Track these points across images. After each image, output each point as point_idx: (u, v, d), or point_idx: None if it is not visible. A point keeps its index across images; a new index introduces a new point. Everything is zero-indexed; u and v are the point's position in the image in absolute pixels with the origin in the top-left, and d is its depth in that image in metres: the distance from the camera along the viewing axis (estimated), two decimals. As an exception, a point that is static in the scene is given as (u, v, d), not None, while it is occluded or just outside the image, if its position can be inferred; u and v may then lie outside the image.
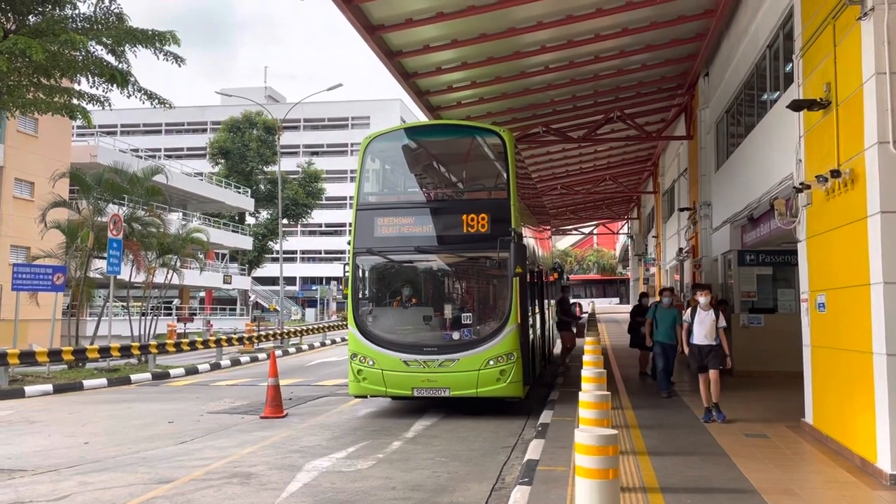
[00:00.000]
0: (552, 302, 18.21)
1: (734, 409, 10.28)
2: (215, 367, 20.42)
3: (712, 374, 9.48)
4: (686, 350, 9.77)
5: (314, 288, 66.64)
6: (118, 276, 19.17)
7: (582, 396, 6.65)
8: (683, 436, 8.74)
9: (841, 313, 7.66)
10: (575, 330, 17.66)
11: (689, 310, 9.92)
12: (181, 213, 37.68)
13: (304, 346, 28.30)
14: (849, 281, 7.32)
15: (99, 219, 20.92)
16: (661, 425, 9.38)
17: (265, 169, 52.42)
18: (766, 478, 6.69)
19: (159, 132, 75.31)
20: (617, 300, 56.97)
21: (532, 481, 6.61)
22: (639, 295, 17.24)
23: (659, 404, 11.14)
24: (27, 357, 15.98)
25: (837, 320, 7.77)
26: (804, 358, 9.02)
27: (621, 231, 52.76)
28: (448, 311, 11.29)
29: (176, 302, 44.73)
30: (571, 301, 18.93)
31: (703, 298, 9.71)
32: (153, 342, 20.09)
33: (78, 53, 14.73)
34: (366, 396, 11.65)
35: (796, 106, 8.35)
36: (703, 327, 9.64)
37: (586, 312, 22.24)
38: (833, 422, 7.95)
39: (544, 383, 13.92)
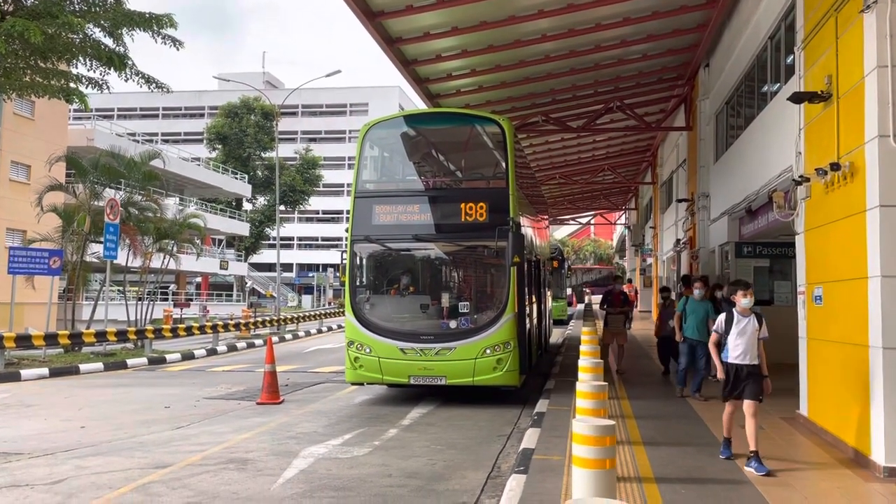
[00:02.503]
0: (549, 291, 18.10)
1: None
2: (212, 352, 20.43)
3: (749, 406, 6.94)
4: (719, 371, 7.24)
5: (311, 275, 66.68)
6: (115, 261, 19.13)
7: (579, 386, 6.66)
8: (679, 426, 8.78)
9: (838, 306, 7.68)
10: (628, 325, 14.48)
11: (720, 317, 7.34)
12: (178, 199, 37.62)
13: (301, 333, 28.32)
14: (846, 274, 7.34)
15: (96, 203, 20.84)
16: (656, 416, 9.42)
17: (262, 155, 52.31)
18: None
19: (156, 117, 75.00)
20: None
21: (528, 470, 6.64)
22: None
23: (654, 395, 11.18)
24: (23, 340, 15.96)
25: (834, 313, 7.79)
26: (800, 350, 9.07)
27: (619, 221, 52.78)
28: (445, 299, 11.28)
29: (172, 287, 44.71)
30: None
31: (745, 300, 7.09)
32: (149, 327, 20.08)
33: (75, 36, 14.62)
34: (362, 384, 11.67)
35: (797, 98, 8.34)
36: (744, 339, 6.99)
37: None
38: (828, 414, 7.99)
39: (541, 372, 13.96)
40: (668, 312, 12.79)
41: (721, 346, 7.23)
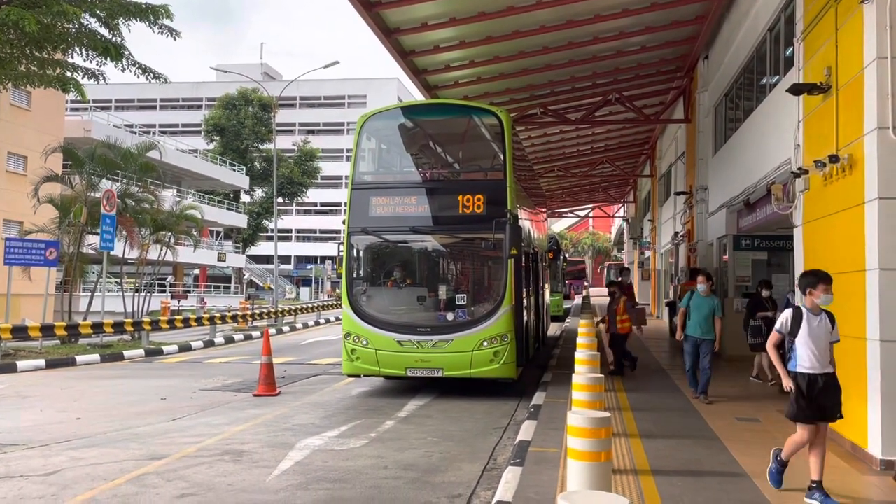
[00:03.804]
0: (547, 284, 18.04)
1: (727, 393, 10.33)
2: (209, 344, 20.42)
3: (826, 428, 5.85)
4: (787, 382, 5.82)
5: (309, 267, 66.62)
6: (112, 253, 19.10)
7: (575, 379, 6.64)
8: (675, 419, 8.77)
9: (835, 299, 7.62)
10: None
11: (785, 315, 5.93)
12: (175, 190, 37.45)
13: (298, 325, 28.32)
14: (844, 267, 7.31)
15: (92, 194, 20.77)
16: (653, 408, 9.41)
17: (260, 146, 52.16)
18: (756, 462, 6.70)
19: (154, 108, 74.82)
20: None
21: (524, 462, 6.63)
22: (759, 284, 11.90)
23: (652, 388, 11.17)
24: (19, 332, 15.93)
25: (831, 306, 7.75)
26: (797, 343, 9.02)
27: (617, 214, 52.72)
28: (442, 291, 11.27)
29: (170, 279, 44.66)
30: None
31: (826, 296, 5.79)
32: (146, 319, 20.05)
33: (71, 26, 14.55)
34: (359, 376, 11.66)
35: (796, 90, 8.30)
36: (818, 344, 5.70)
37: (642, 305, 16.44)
38: (824, 407, 7.97)
39: (538, 365, 13.95)
40: (613, 309, 12.57)
41: (784, 350, 5.90)
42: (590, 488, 4.44)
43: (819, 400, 5.68)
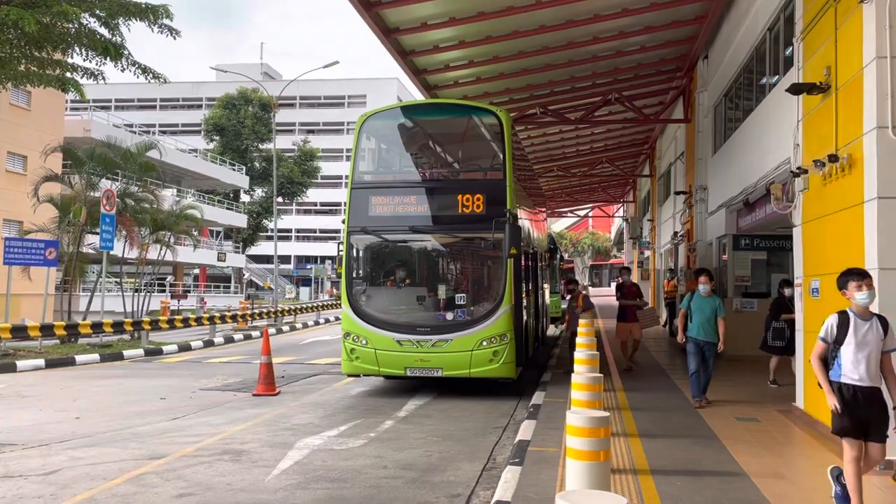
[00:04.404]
0: (546, 284, 18.02)
1: (726, 393, 10.33)
2: (208, 344, 20.41)
3: (877, 451, 5.15)
4: (832, 400, 5.16)
5: (309, 267, 66.63)
6: (111, 252, 19.10)
7: (574, 378, 6.64)
8: (675, 419, 8.77)
9: (835, 299, 7.60)
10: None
11: (830, 321, 5.27)
12: (175, 190, 37.46)
13: (298, 325, 28.33)
14: (843, 266, 7.22)
15: (92, 194, 20.77)
16: (652, 408, 9.40)
17: (260, 146, 52.15)
18: (756, 461, 6.72)
19: (154, 108, 74.84)
20: None
21: (523, 462, 6.63)
22: (781, 283, 11.55)
23: (651, 387, 11.16)
24: (19, 331, 15.93)
25: (831, 306, 7.73)
26: (797, 342, 9.04)
27: (617, 214, 52.71)
28: (442, 291, 11.27)
29: (170, 279, 44.64)
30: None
31: (861, 293, 5.14)
32: (146, 318, 20.05)
33: (71, 25, 14.55)
34: (358, 375, 11.66)
35: (796, 90, 8.30)
36: (865, 352, 5.08)
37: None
38: (823, 406, 7.92)
39: (537, 364, 13.94)
40: (573, 307, 12.45)
41: (828, 360, 5.26)
42: (589, 488, 4.45)
43: (862, 414, 5.05)
